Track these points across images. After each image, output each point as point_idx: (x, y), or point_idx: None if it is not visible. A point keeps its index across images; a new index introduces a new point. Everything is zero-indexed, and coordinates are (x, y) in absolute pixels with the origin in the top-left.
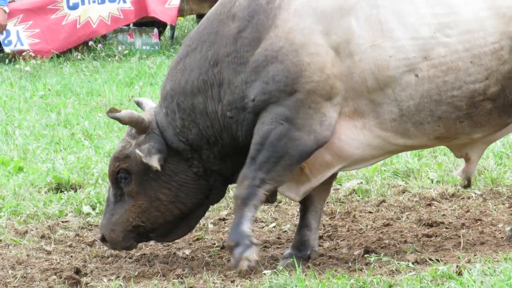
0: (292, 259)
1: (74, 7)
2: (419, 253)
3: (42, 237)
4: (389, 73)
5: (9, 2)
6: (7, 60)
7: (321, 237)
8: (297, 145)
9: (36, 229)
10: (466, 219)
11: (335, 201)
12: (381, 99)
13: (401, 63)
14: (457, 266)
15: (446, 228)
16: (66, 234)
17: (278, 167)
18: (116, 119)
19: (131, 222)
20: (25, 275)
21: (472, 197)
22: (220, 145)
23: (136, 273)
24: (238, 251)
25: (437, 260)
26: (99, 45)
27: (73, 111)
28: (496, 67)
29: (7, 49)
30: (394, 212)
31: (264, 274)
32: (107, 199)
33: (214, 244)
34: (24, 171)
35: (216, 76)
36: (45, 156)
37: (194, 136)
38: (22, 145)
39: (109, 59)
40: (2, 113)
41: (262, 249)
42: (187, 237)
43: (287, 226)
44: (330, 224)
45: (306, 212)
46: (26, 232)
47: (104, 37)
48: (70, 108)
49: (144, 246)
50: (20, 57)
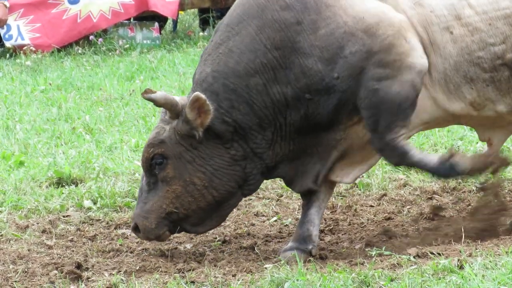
0: (294, 252)
1: (75, 2)
2: (421, 247)
3: (43, 232)
4: (434, 28)
5: None
6: (8, 55)
7: (322, 231)
8: (403, 96)
9: (37, 224)
10: (468, 213)
11: (336, 195)
12: (431, 55)
13: (440, 20)
14: (459, 260)
15: (448, 222)
16: (67, 229)
17: (399, 118)
18: (151, 101)
19: (165, 209)
20: (26, 270)
21: (473, 191)
22: (277, 127)
23: (138, 268)
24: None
25: (439, 254)
26: (100, 40)
27: (74, 106)
28: (510, 32)
29: (8, 44)
30: (396, 206)
31: (265, 268)
32: (140, 189)
33: (216, 238)
34: (25, 166)
35: (279, 60)
36: (46, 151)
37: (244, 117)
38: (23, 140)
39: (110, 53)
40: (3, 108)
41: (264, 243)
42: None
43: (289, 220)
44: (331, 218)
45: (310, 208)
46: (27, 227)
47: (105, 31)
48: (71, 103)
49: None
50: (21, 52)
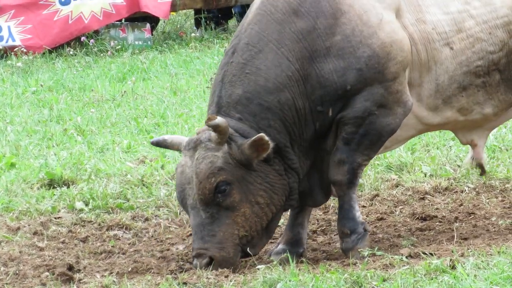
0: (286, 254)
1: (66, 3)
2: (413, 247)
3: (35, 234)
4: (434, 45)
5: None
6: None
7: (315, 232)
8: (388, 129)
9: (29, 226)
10: (460, 213)
11: None
12: (425, 74)
13: (441, 37)
14: (451, 260)
15: (440, 222)
16: (59, 231)
17: (373, 148)
18: (216, 127)
19: (237, 234)
20: (18, 272)
21: (465, 191)
22: (300, 142)
23: (130, 269)
24: (352, 240)
25: (431, 254)
26: (92, 41)
27: (66, 107)
28: (507, 40)
29: None
30: (388, 206)
31: (258, 269)
32: (197, 225)
33: None
34: (16, 167)
35: (300, 72)
36: (38, 152)
37: (279, 135)
38: (14, 141)
39: (102, 55)
40: None
41: None
42: (181, 233)
43: (281, 221)
44: (324, 219)
45: (301, 211)
46: (19, 229)
47: (97, 33)
48: (63, 104)
49: (138, 242)
50: (12, 53)
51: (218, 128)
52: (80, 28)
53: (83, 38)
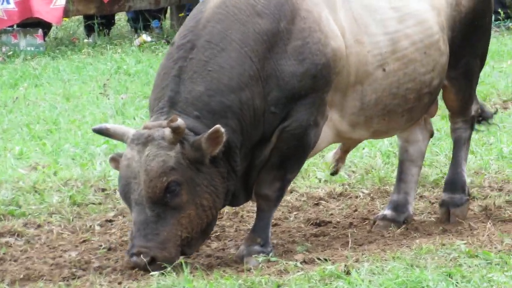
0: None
1: None
2: (307, 253)
3: None
4: (366, 68)
5: None
6: None
7: (209, 238)
8: (316, 135)
9: None
10: (354, 218)
11: None
12: (351, 93)
13: (375, 59)
14: (345, 266)
15: (334, 228)
16: None
17: (302, 163)
18: (177, 129)
19: (180, 235)
20: None
21: (360, 196)
22: (248, 144)
23: (21, 276)
24: (258, 250)
25: (325, 260)
26: None
27: None
28: (438, 59)
29: None
30: (282, 212)
31: (152, 276)
32: (142, 222)
33: (101, 246)
34: None
35: (261, 72)
36: None
37: (234, 134)
38: None
39: None
40: None
41: None
42: (74, 239)
43: None
44: (218, 225)
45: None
46: None
47: None
48: None
49: (30, 249)
50: None
51: (178, 130)
52: None
53: None
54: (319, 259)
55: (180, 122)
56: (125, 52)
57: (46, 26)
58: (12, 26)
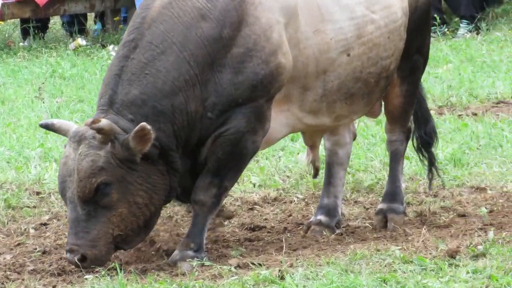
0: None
1: None
2: (242, 258)
3: None
4: (329, 55)
5: None
6: None
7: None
8: (255, 142)
9: None
10: (289, 223)
11: None
12: (313, 82)
13: (340, 44)
14: (280, 270)
15: (269, 232)
16: None
17: (241, 170)
18: (100, 129)
19: (112, 234)
20: None
21: (294, 201)
22: (186, 145)
23: None
24: (191, 255)
25: (260, 265)
26: None
27: None
28: (398, 43)
29: None
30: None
31: (86, 279)
32: (73, 220)
33: (36, 249)
34: None
35: (199, 77)
36: None
37: (167, 138)
38: None
39: None
40: None
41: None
42: (8, 242)
43: None
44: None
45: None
46: None
47: None
48: None
49: None
50: None
51: (102, 131)
52: None
53: None
54: (254, 264)
55: (103, 124)
56: (60, 56)
57: None
58: None
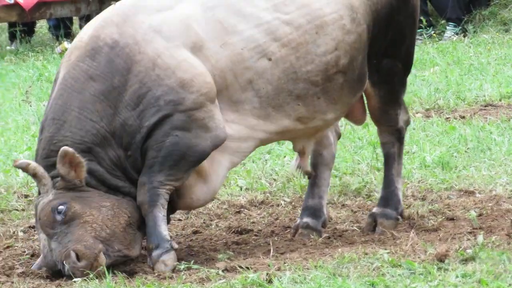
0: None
1: None
2: (229, 261)
3: None
4: (245, 65)
5: None
6: None
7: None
8: (195, 150)
9: None
10: (276, 227)
11: None
12: (240, 93)
13: (254, 52)
14: (267, 274)
15: (256, 236)
16: None
17: (179, 167)
18: (22, 169)
19: (93, 229)
20: None
21: (281, 205)
22: (134, 171)
23: None
24: (156, 254)
25: (247, 268)
26: None
27: None
28: (342, 37)
29: None
30: (203, 220)
31: (74, 282)
32: (56, 245)
33: (24, 252)
34: None
35: (106, 127)
36: None
37: (108, 181)
38: None
39: None
40: None
41: None
42: None
43: None
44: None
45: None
46: None
47: None
48: None
49: None
50: None
51: (26, 170)
52: None
53: None
54: (241, 267)
55: (23, 163)
56: (47, 60)
57: None
58: None
